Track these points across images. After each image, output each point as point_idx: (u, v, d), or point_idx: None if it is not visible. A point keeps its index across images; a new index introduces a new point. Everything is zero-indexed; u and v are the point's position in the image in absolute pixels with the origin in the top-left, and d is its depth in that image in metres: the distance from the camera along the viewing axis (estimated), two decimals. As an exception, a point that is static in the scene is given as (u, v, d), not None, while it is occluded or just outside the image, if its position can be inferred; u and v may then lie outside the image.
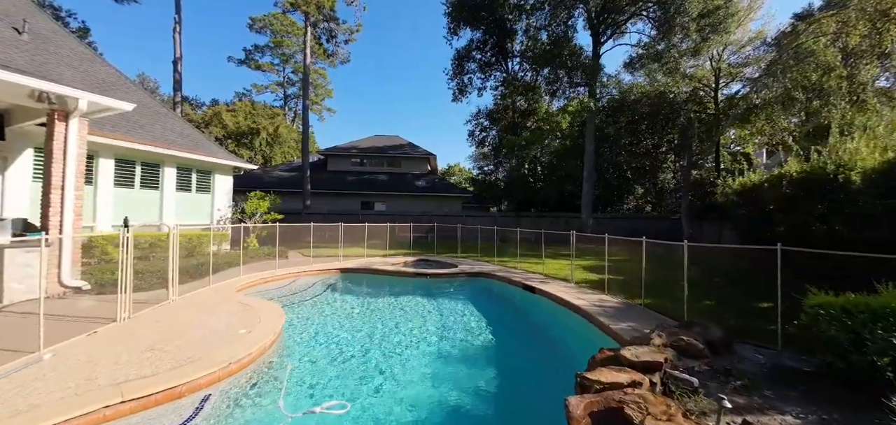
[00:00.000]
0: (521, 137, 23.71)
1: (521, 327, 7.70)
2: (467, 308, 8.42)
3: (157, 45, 75.72)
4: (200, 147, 14.66)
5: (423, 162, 31.34)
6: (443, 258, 14.52)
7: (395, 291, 9.96)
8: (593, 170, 21.73)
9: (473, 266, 12.48)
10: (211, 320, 6.02)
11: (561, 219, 23.60)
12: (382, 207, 27.70)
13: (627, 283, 8.89)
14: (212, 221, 14.89)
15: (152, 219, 13.08)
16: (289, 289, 9.52)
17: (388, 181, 29.30)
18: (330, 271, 11.41)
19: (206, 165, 14.63)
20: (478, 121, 30.71)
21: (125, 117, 13.10)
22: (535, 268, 12.05)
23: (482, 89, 27.60)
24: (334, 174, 30.36)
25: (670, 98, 20.50)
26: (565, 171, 23.94)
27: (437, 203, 26.98)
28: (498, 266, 12.76)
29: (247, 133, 43.31)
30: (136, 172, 12.67)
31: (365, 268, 11.65)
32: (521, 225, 23.52)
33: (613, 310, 7.13)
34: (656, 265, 8.67)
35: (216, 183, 15.07)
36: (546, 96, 26.68)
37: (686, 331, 4.96)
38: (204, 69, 78.77)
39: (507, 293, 9.94)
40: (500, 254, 14.72)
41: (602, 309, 7.21)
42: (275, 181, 29.17)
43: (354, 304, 8.46)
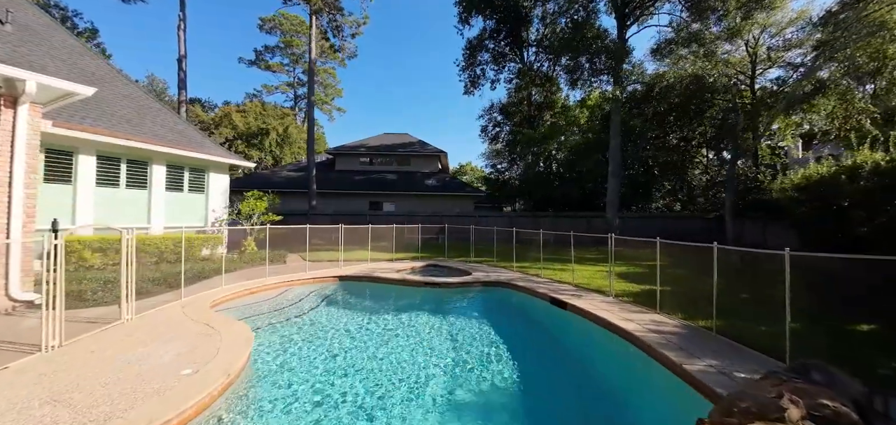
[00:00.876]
0: (537, 131, 21.98)
1: (555, 361, 6.11)
2: (484, 329, 6.89)
3: (168, 45, 76.98)
4: (193, 143, 13.60)
5: (433, 160, 29.95)
6: (455, 263, 13.03)
7: (400, 306, 8.52)
8: (620, 166, 19.85)
9: (490, 273, 10.94)
10: (158, 351, 4.70)
11: (582, 218, 21.78)
12: (391, 208, 26.44)
13: (684, 299, 7.20)
14: (206, 223, 13.82)
15: (139, 221, 12.04)
16: (276, 302, 8.19)
17: (396, 180, 28.02)
18: (327, 279, 10.07)
19: (199, 163, 13.56)
20: (491, 116, 29.07)
21: (110, 112, 12.14)
22: (561, 276, 10.42)
23: (495, 82, 26.01)
24: (342, 174, 29.28)
25: (709, 82, 18.40)
26: (586, 167, 22.09)
27: (448, 203, 25.52)
28: (518, 273, 11.18)
29: (256, 134, 42.88)
30: (121, 170, 11.64)
31: (367, 275, 10.27)
32: (540, 225, 21.75)
33: (677, 338, 5.49)
34: (722, 276, 6.96)
35: (211, 182, 13.99)
36: (565, 87, 24.88)
37: (814, 387, 3.33)
38: (216, 71, 79.74)
39: (532, 308, 8.36)
40: (520, 258, 13.11)
41: (661, 335, 5.58)
42: (283, 181, 28.32)
43: (350, 324, 7.05)
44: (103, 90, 12.80)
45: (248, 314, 7.26)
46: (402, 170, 29.77)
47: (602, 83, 22.83)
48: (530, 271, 11.40)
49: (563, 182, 22.78)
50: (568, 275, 10.57)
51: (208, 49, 76.34)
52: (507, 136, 27.24)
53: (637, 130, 23.19)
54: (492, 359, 5.55)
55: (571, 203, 23.48)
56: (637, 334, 5.65)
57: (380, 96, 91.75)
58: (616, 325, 6.14)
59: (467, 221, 22.33)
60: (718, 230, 22.17)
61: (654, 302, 7.14)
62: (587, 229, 21.44)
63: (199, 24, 73.79)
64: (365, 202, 26.61)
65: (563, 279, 10.11)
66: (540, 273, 10.91)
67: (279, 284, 9.16)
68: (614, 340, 5.99)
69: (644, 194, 23.46)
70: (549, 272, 11.09)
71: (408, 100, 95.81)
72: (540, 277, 10.41)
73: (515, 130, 25.26)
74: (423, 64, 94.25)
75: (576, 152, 22.84)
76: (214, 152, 14.05)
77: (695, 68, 17.42)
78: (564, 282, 9.72)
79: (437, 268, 12.45)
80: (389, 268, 11.40)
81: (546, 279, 10.18)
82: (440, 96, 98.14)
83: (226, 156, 14.45)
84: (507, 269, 11.81)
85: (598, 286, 9.17)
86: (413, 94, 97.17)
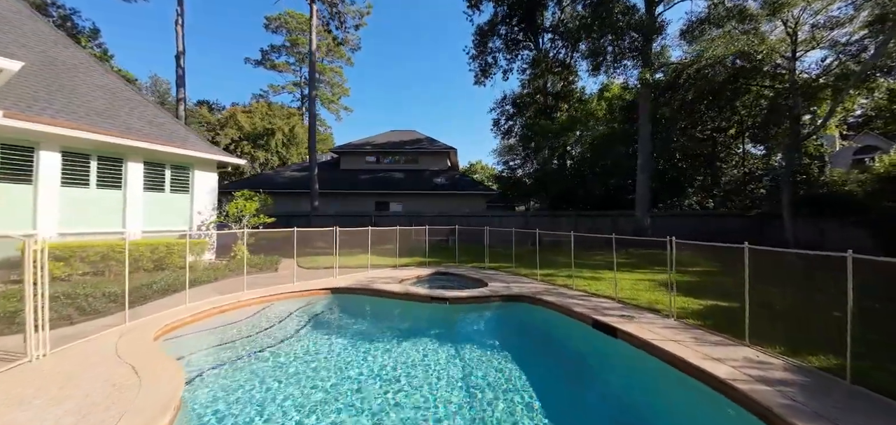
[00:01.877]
0: (555, 122, 20.06)
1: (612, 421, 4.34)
2: (507, 368, 5.16)
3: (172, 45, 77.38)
4: (175, 138, 12.27)
5: (442, 157, 28.30)
6: (467, 270, 11.33)
7: (401, 330, 6.88)
8: (650, 159, 17.82)
9: (510, 284, 9.19)
10: (31, 421, 3.16)
11: (606, 218, 19.78)
12: (398, 208, 24.91)
13: (781, 323, 5.34)
14: (191, 226, 12.47)
15: (113, 224, 10.74)
16: (247, 326, 6.65)
17: (404, 179, 26.48)
18: (316, 293, 8.51)
19: (182, 160, 12.23)
20: (503, 109, 27.18)
21: (80, 103, 10.87)
22: (597, 287, 8.61)
23: (508, 71, 24.16)
24: (347, 173, 27.92)
25: (756, 61, 16.18)
26: (611, 162, 20.04)
27: (459, 202, 23.83)
28: (543, 283, 9.40)
29: (262, 134, 42.07)
30: (90, 168, 10.35)
31: (364, 287, 8.66)
32: (559, 225, 19.94)
33: (798, 392, 3.68)
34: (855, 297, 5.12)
35: (196, 181, 12.65)
36: (584, 75, 22.86)
37: None
38: (224, 72, 79.95)
39: (568, 334, 6.60)
40: (544, 264, 11.34)
41: (773, 388, 3.77)
42: (286, 181, 27.16)
43: (333, 362, 5.43)
44: (75, 80, 11.60)
45: (204, 346, 5.73)
46: (409, 168, 28.24)
47: (626, 69, 20.77)
48: (557, 281, 9.60)
49: (584, 178, 20.76)
50: (605, 286, 8.75)
51: (216, 51, 76.56)
52: (521, 130, 25.28)
53: (666, 119, 21.03)
54: (522, 419, 3.83)
55: (592, 201, 21.47)
56: (737, 385, 3.86)
57: (387, 96, 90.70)
58: (697, 367, 4.35)
59: (479, 222, 20.59)
60: (759, 229, 19.90)
61: (737, 326, 5.30)
62: (612, 229, 19.42)
63: (207, 26, 74.03)
64: (371, 202, 25.17)
65: (601, 291, 8.30)
66: (569, 283, 9.11)
67: (256, 300, 7.62)
68: (697, 390, 4.20)
69: (674, 190, 21.25)
70: (581, 281, 9.29)
71: (416, 100, 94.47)
72: (571, 289, 8.62)
73: (530, 123, 23.35)
74: (431, 64, 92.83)
75: (598, 145, 20.74)
76: (199, 148, 12.70)
77: (739, 45, 15.25)
78: (603, 296, 7.91)
79: (446, 276, 10.77)
80: (391, 277, 9.77)
81: (579, 291, 8.38)
82: (448, 96, 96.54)
83: (213, 152, 13.09)
84: (530, 278, 10.04)
85: (648, 302, 7.34)
86: (421, 94, 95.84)
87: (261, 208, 13.30)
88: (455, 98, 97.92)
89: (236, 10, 73.35)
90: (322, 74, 51.62)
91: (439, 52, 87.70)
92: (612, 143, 20.11)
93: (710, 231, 19.10)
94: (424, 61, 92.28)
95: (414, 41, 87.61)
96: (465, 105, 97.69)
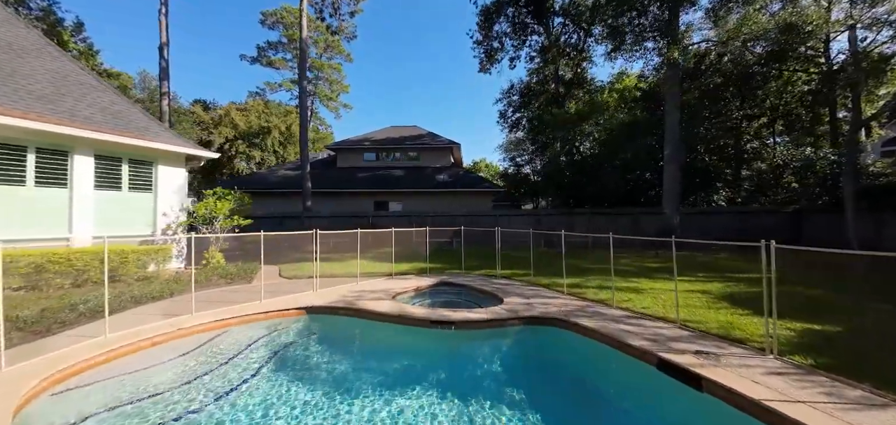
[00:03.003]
0: (569, 111, 18.18)
1: None
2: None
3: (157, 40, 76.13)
4: (134, 127, 10.59)
5: (444, 153, 26.52)
6: (476, 279, 9.54)
7: (390, 374, 5.11)
8: (679, 148, 15.90)
9: (531, 299, 7.38)
10: None
11: (626, 216, 17.90)
12: (398, 207, 23.20)
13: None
14: (155, 229, 10.81)
15: (56, 230, 9.08)
16: (182, 370, 4.90)
17: (404, 177, 24.74)
18: (286, 313, 6.76)
19: (143, 153, 10.57)
20: (510, 99, 25.25)
21: (17, 87, 9.19)
22: (644, 304, 6.76)
23: (515, 59, 22.31)
24: (344, 171, 26.24)
25: (800, 37, 14.23)
26: (631, 154, 18.13)
27: (463, 200, 22.04)
28: (573, 298, 7.58)
29: (258, 132, 40.58)
30: (27, 162, 8.69)
31: (347, 306, 6.89)
32: (575, 225, 18.06)
33: None
34: None
35: (161, 177, 10.98)
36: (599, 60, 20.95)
37: None
38: (221, 71, 78.70)
39: (621, 379, 4.78)
40: (569, 271, 9.54)
41: None
42: (279, 181, 25.52)
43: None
44: (18, 62, 9.95)
45: (105, 403, 3.98)
46: (410, 165, 26.51)
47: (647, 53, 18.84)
48: (588, 293, 7.78)
49: (600, 172, 18.84)
50: (651, 302, 6.92)
51: (214, 50, 75.35)
52: (530, 122, 23.30)
53: (689, 108, 19.08)
54: None
55: (610, 197, 19.57)
56: None
57: (388, 97, 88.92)
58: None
59: (486, 222, 18.78)
60: (797, 226, 17.94)
61: (865, 365, 3.47)
62: (634, 229, 17.59)
63: (203, 25, 72.84)
64: (369, 202, 23.46)
65: (650, 310, 6.46)
66: (605, 298, 7.28)
67: (205, 327, 5.88)
68: None
69: (702, 184, 19.26)
70: (624, 294, 7.46)
71: (416, 100, 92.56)
72: (609, 306, 6.79)
73: (541, 111, 21.41)
74: (432, 64, 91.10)
75: (617, 135, 18.76)
76: (164, 139, 11.01)
77: (785, 14, 13.32)
78: (655, 317, 6.08)
79: (451, 288, 8.97)
80: (384, 290, 8.01)
81: (621, 310, 6.55)
82: (449, 96, 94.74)
83: (180, 143, 11.39)
84: (553, 290, 8.22)
85: (720, 326, 5.50)
86: (422, 94, 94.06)
87: (237, 208, 11.61)
88: (456, 98, 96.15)
89: (233, 8, 72.13)
90: (320, 71, 50.01)
91: (440, 52, 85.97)
92: (631, 134, 18.20)
93: (746, 229, 17.16)
94: (425, 61, 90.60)
95: (414, 41, 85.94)
96: (467, 105, 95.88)
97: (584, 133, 18.76)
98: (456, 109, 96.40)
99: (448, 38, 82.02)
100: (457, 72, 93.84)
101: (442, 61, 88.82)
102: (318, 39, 48.33)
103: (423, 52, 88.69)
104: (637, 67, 20.84)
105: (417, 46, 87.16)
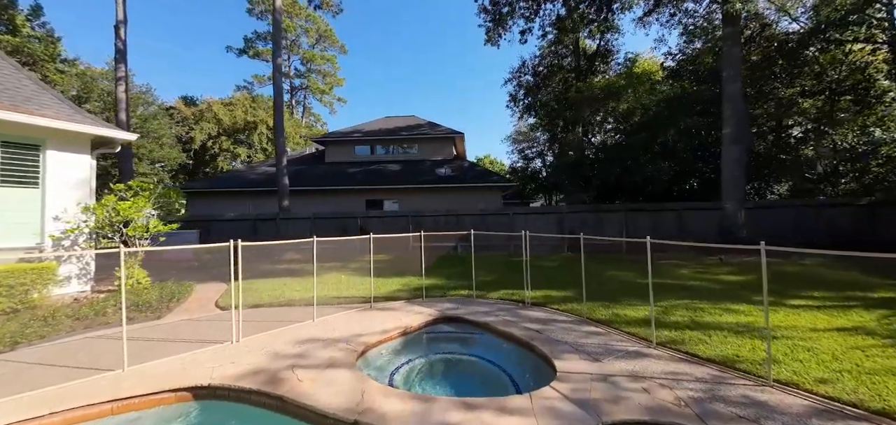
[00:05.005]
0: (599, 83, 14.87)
1: None
2: None
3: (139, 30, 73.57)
4: (9, 97, 7.47)
5: (446, 144, 23.35)
6: (496, 309, 6.33)
7: None
8: (744, 126, 12.68)
9: (603, 364, 4.14)
10: None
11: (669, 212, 14.63)
12: (394, 206, 20.07)
13: None
14: (42, 239, 7.69)
15: None
16: None
17: (400, 171, 21.59)
18: (157, 399, 3.58)
19: (22, 132, 7.45)
20: (521, 79, 21.87)
21: None
22: (816, 373, 3.51)
23: (527, 32, 19.02)
24: (333, 166, 23.13)
25: None
26: (675, 136, 14.80)
27: (468, 197, 18.87)
28: (669, 351, 4.35)
29: (243, 128, 37.55)
30: None
31: (266, 388, 3.68)
32: (605, 225, 14.75)
33: None
34: None
35: (51, 166, 7.86)
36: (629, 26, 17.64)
37: None
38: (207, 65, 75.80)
39: None
40: (625, 290, 6.33)
41: None
42: (259, 178, 22.40)
43: None
44: None
45: None
46: (407, 158, 23.36)
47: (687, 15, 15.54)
48: (691, 338, 4.54)
49: (633, 160, 15.48)
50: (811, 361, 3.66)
51: (202, 46, 72.53)
52: (546, 104, 19.82)
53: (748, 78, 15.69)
54: None
55: (646, 191, 16.27)
56: None
57: (384, 96, 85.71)
58: None
59: (496, 222, 15.57)
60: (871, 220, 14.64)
61: None
62: (677, 227, 14.35)
63: (191, 16, 70.08)
64: (360, 200, 20.33)
65: (831, 384, 3.24)
66: (730, 351, 4.06)
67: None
68: None
69: (763, 172, 15.85)
70: (745, 342, 4.23)
71: (415, 96, 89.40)
72: (767, 383, 3.56)
73: (559, 91, 18.04)
74: (432, 60, 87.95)
75: (657, 114, 15.24)
76: (55, 113, 7.88)
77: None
78: (859, 406, 2.85)
79: (459, 328, 5.75)
80: (347, 340, 4.85)
81: (798, 393, 3.32)
82: (450, 95, 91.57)
83: (81, 120, 8.24)
84: (626, 332, 5.00)
85: None
86: (421, 90, 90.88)
87: (163, 206, 8.47)
88: (457, 92, 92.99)
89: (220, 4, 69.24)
90: (313, 62, 46.99)
91: (440, 47, 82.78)
92: (671, 115, 14.85)
93: (807, 224, 13.87)
94: (424, 56, 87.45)
95: (412, 33, 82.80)
96: (468, 99, 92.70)
97: (619, 111, 15.41)
98: (457, 104, 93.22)
99: (448, 33, 78.89)
100: (457, 68, 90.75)
101: (442, 52, 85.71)
102: (309, 28, 45.31)
103: (423, 48, 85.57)
104: (673, 40, 17.51)
105: (416, 39, 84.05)
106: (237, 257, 4.98)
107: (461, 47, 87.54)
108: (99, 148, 8.85)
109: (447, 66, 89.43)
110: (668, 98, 14.87)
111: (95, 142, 8.62)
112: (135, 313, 6.59)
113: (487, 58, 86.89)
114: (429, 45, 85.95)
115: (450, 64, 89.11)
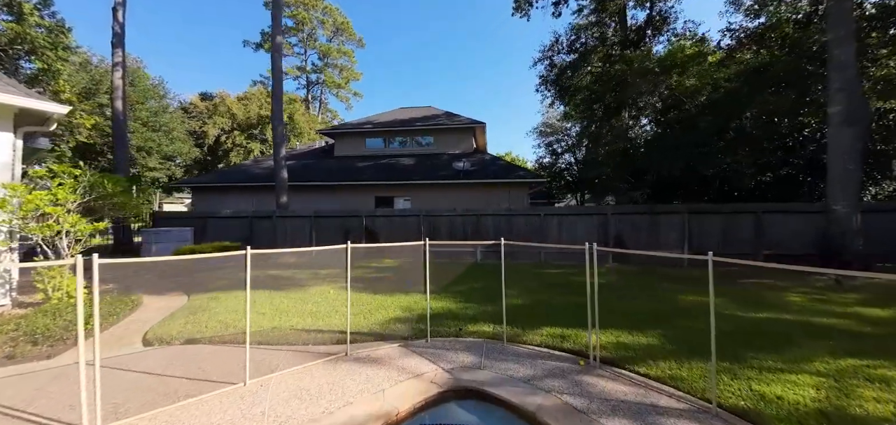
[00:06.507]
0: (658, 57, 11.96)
1: None
2: None
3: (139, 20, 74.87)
4: None
5: (465, 135, 20.96)
6: (545, 371, 3.91)
7: None
8: (861, 101, 9.59)
9: None
10: None
11: (746, 215, 11.57)
12: (406, 204, 17.91)
13: None
14: (-59, 242, 5.91)
15: None
16: None
17: (415, 166, 19.40)
18: None
19: None
20: (553, 59, 18.95)
21: None
22: None
23: (560, 3, 16.27)
24: (342, 160, 21.25)
25: None
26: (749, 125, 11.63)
27: (490, 195, 16.39)
28: None
29: (257, 122, 36.58)
30: None
31: None
32: (660, 228, 11.81)
33: None
34: None
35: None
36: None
37: None
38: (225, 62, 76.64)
39: None
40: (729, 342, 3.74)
41: None
42: (264, 173, 20.80)
43: None
44: None
45: None
46: (422, 152, 21.15)
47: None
48: None
49: (703, 151, 12.23)
50: None
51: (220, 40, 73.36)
52: (587, 85, 16.57)
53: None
54: None
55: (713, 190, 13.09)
56: None
57: (400, 90, 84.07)
58: None
59: (524, 225, 13.04)
60: None
61: None
62: (755, 234, 11.31)
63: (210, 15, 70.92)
64: (370, 197, 18.31)
65: None
66: None
67: None
68: None
69: (878, 163, 12.29)
70: None
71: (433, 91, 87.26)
72: None
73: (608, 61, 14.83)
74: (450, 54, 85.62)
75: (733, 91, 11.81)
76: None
77: None
78: None
79: (484, 411, 3.37)
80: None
81: None
82: (468, 88, 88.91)
83: (7, 89, 6.44)
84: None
85: None
86: (439, 85, 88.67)
87: (91, 192, 6.56)
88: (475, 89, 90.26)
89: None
90: (329, 57, 45.76)
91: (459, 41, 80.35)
92: (750, 93, 11.63)
93: None
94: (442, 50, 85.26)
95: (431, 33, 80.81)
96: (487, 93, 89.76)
97: (684, 89, 12.28)
98: (478, 95, 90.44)
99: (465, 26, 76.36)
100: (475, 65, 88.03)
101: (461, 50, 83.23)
102: (326, 20, 44.06)
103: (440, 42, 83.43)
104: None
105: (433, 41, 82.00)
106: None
107: (484, 32, 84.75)
108: (27, 125, 7.06)
109: (469, 54, 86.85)
110: (752, 69, 11.62)
111: (20, 118, 6.83)
112: (23, 346, 4.64)
113: (511, 47, 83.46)
114: (449, 34, 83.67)
115: (472, 52, 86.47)
